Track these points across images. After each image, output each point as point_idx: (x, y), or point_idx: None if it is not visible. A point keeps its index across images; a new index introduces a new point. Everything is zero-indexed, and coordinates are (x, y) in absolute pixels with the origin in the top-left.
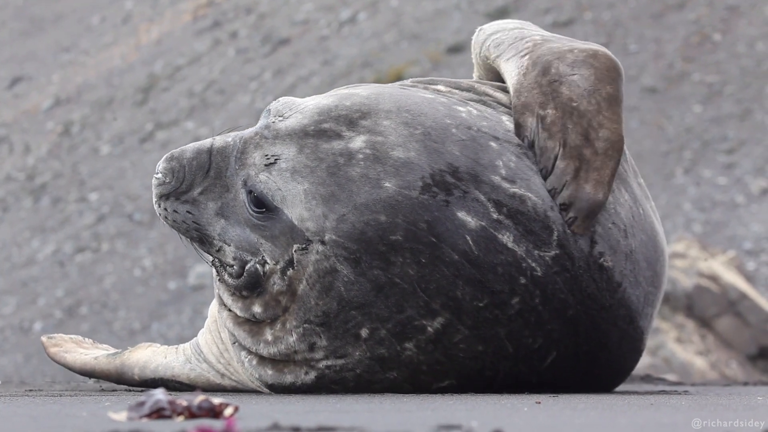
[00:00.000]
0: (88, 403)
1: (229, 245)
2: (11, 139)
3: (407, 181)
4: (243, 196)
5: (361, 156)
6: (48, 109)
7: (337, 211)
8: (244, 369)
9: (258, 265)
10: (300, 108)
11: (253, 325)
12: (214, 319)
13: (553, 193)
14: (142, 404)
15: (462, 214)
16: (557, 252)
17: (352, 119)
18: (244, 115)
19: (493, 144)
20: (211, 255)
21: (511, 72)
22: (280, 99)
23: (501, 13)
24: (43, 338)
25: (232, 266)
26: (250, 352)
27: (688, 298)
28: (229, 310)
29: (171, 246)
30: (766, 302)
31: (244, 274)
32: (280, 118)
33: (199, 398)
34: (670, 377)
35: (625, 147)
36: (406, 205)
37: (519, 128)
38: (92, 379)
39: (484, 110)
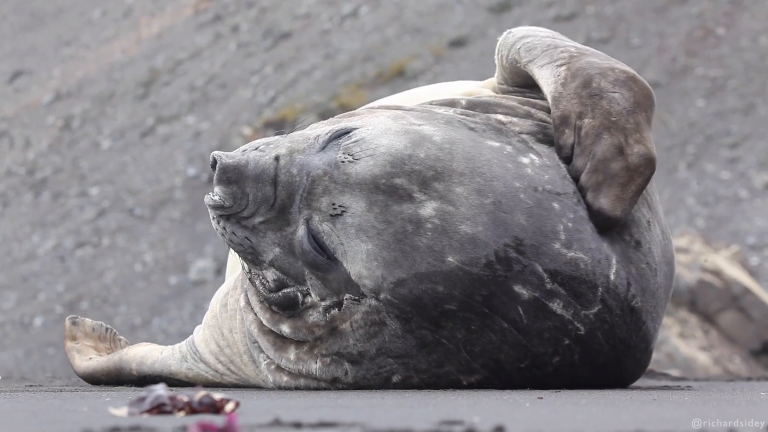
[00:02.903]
0: (88, 398)
1: (276, 268)
2: (12, 134)
3: (471, 258)
4: (302, 233)
5: (429, 226)
6: (49, 103)
7: (396, 275)
8: (256, 369)
9: (299, 294)
10: (372, 150)
11: (278, 338)
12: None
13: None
14: (142, 399)
15: (518, 288)
16: (600, 307)
17: (425, 179)
18: (246, 109)
19: (555, 205)
20: (254, 272)
21: (546, 79)
22: (353, 134)
23: (503, 8)
24: (67, 322)
25: (269, 282)
26: (269, 357)
27: (691, 293)
28: (256, 314)
29: (172, 241)
30: None
31: (280, 294)
32: (350, 158)
33: (200, 394)
34: (674, 372)
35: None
36: (466, 279)
37: (559, 149)
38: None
39: (544, 153)
